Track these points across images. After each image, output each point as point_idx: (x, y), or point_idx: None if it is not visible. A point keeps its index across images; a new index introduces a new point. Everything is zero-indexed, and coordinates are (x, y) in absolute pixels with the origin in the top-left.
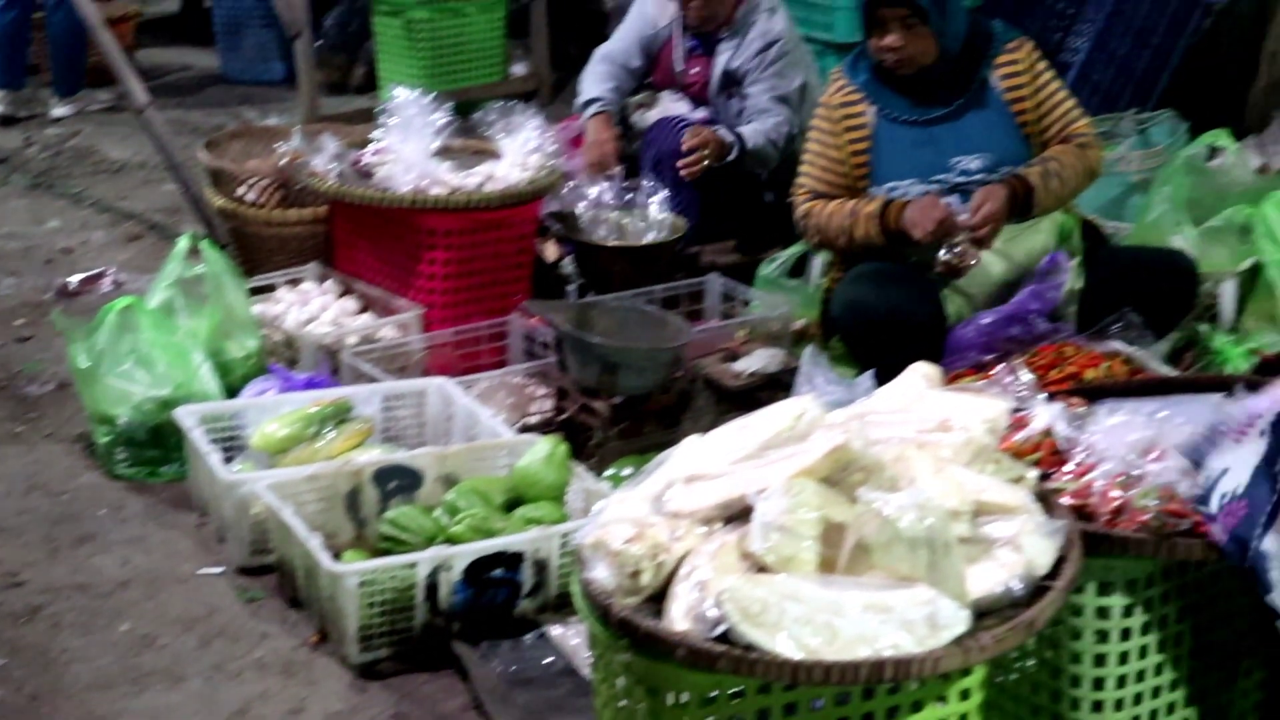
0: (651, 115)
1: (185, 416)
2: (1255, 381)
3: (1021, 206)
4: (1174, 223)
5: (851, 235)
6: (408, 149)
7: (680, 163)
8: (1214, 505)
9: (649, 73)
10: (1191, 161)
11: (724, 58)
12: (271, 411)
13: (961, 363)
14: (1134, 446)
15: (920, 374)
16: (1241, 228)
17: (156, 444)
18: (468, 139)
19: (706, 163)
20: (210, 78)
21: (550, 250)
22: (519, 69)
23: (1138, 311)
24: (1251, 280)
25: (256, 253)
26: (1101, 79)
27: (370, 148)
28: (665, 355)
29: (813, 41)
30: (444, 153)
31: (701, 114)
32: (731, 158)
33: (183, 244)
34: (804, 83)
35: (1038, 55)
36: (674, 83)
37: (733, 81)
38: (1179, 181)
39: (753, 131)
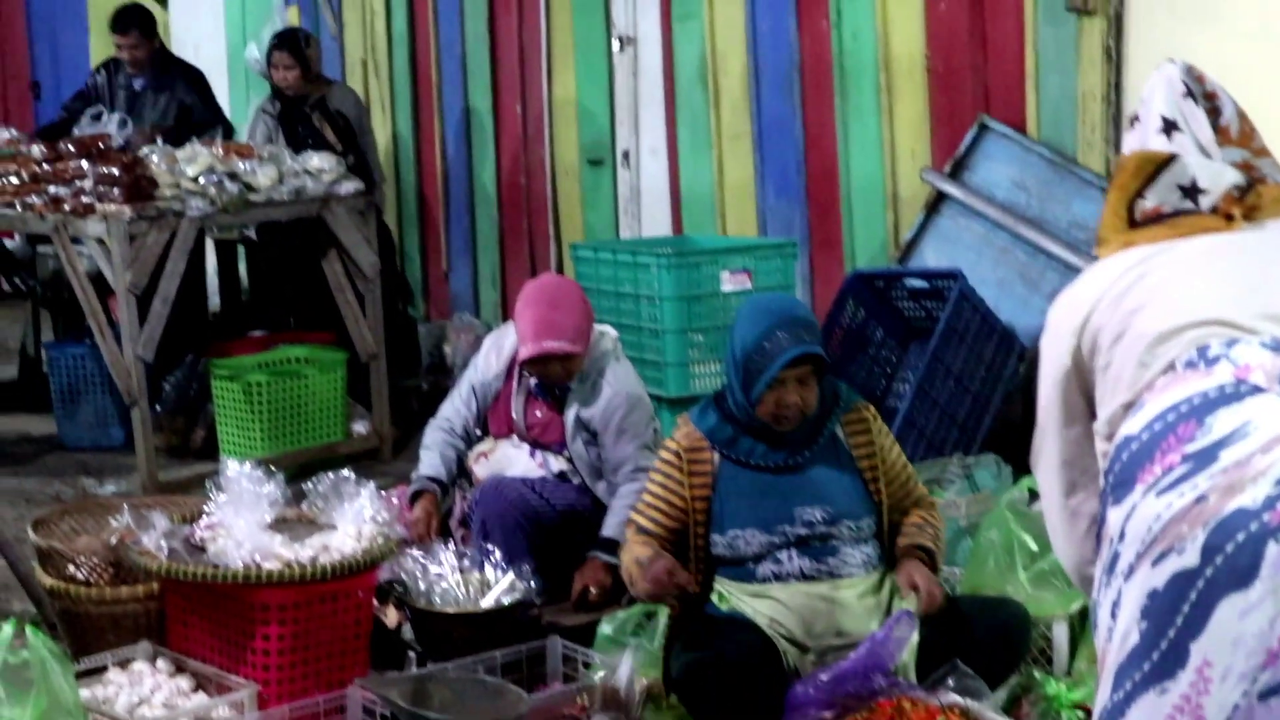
0: (489, 467)
1: None
2: None
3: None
4: (1004, 567)
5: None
6: (240, 523)
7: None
8: None
9: (484, 421)
10: (1015, 505)
11: (574, 409)
12: None
13: None
14: None
15: None
16: None
17: None
18: (301, 509)
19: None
20: (48, 444)
21: (391, 616)
22: (360, 427)
23: (975, 660)
24: (1081, 622)
25: (87, 632)
26: (926, 425)
27: (202, 522)
28: None
29: None
30: (278, 525)
31: (539, 460)
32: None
33: (6, 630)
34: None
35: (880, 419)
36: (513, 430)
37: (587, 429)
38: (1005, 526)
39: (618, 525)
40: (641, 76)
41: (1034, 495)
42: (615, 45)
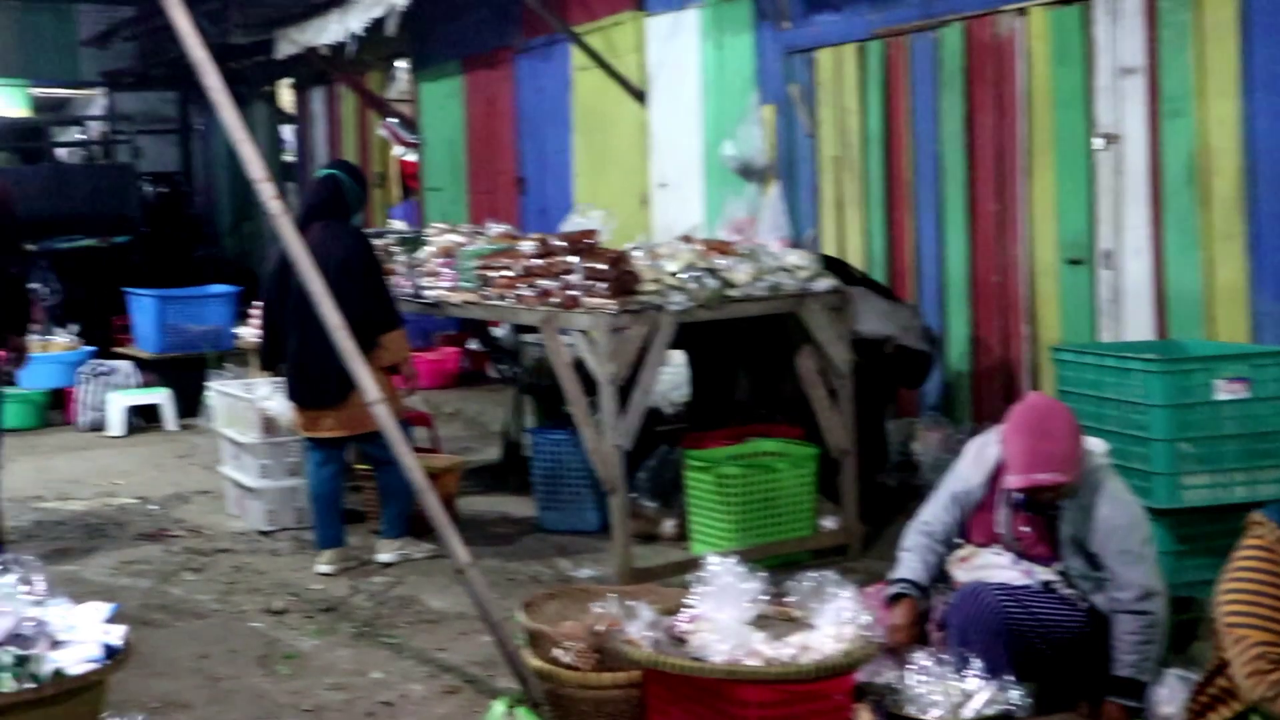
0: (969, 572)
1: None
2: None
3: None
4: None
5: None
6: (722, 617)
7: None
8: None
9: (963, 526)
10: None
11: (1068, 529)
12: None
13: None
14: None
15: None
16: None
17: None
18: (781, 606)
19: None
20: (527, 525)
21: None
22: (829, 523)
23: None
24: None
25: (571, 714)
26: None
27: (685, 614)
28: None
29: None
30: (758, 621)
31: (1024, 569)
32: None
33: (499, 708)
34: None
35: None
36: (995, 540)
37: (1083, 549)
38: None
39: (1135, 663)
40: (1125, 174)
41: None
42: (1098, 142)
